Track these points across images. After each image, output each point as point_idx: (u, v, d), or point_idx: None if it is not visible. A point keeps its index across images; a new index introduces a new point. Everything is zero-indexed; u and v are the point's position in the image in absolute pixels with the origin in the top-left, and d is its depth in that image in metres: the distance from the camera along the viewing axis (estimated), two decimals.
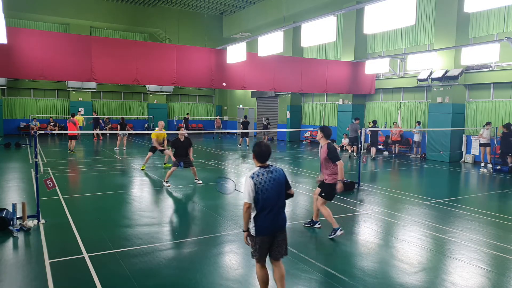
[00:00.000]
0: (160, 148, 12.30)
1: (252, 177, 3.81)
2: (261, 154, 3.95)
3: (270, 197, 3.81)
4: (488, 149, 14.14)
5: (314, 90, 19.68)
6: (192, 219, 7.23)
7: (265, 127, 21.63)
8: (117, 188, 9.81)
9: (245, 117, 21.80)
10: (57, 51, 12.99)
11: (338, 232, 6.08)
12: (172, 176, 10.94)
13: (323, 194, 6.28)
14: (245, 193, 3.81)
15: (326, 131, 6.30)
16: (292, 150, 20.05)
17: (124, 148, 18.46)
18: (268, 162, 3.99)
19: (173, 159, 10.01)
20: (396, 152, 17.84)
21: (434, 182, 12.11)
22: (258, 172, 3.86)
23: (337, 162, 6.10)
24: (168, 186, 9.90)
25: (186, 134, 10.19)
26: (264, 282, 4.00)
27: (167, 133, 11.70)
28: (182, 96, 32.02)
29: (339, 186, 6.11)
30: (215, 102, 33.55)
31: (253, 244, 3.90)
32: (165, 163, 13.16)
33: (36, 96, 26.89)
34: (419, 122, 17.11)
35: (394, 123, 18.20)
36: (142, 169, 12.33)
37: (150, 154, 12.54)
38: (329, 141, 6.30)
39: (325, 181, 6.27)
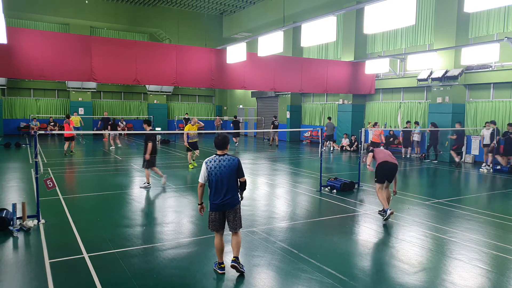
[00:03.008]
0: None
1: (206, 162, 4.69)
2: (217, 144, 4.72)
3: (218, 180, 4.61)
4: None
5: (314, 90, 19.68)
6: (192, 219, 7.22)
7: (276, 127, 21.57)
8: (117, 188, 9.81)
9: (235, 117, 22.69)
10: (57, 51, 12.99)
11: (388, 212, 6.96)
12: (172, 176, 10.95)
13: (375, 179, 7.44)
14: (200, 174, 4.73)
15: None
16: (292, 150, 20.05)
17: (119, 145, 18.79)
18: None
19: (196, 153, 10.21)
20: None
21: (434, 182, 12.11)
22: (212, 158, 4.69)
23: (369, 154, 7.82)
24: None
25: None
26: (218, 250, 4.80)
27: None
28: (182, 96, 32.01)
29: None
30: (215, 102, 33.54)
31: (209, 218, 4.78)
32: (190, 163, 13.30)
33: (36, 96, 26.88)
34: (417, 123, 17.07)
35: (374, 124, 17.21)
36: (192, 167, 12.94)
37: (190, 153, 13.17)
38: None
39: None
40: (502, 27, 14.70)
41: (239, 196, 4.83)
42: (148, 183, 9.77)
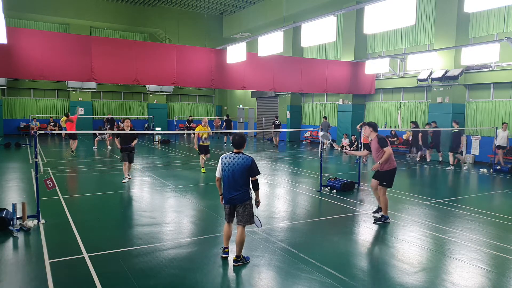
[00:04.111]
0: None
1: (222, 158, 5.06)
2: (234, 142, 5.03)
3: (230, 176, 4.93)
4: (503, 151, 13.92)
5: (314, 90, 19.69)
6: (192, 219, 7.22)
7: (277, 127, 21.61)
8: (117, 188, 9.81)
9: (227, 116, 23.68)
10: (57, 51, 12.98)
11: (388, 220, 6.95)
12: (172, 175, 10.96)
13: (384, 183, 6.99)
14: (217, 169, 5.12)
15: (373, 125, 7.13)
16: (292, 150, 20.05)
17: (109, 147, 18.97)
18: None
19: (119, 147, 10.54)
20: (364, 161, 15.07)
21: (434, 182, 12.11)
22: (227, 155, 5.03)
23: (385, 149, 6.83)
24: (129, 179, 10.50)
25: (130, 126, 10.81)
26: (226, 235, 5.23)
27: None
28: (182, 96, 32.01)
29: (375, 165, 6.99)
30: (215, 102, 33.53)
31: (224, 210, 5.19)
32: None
33: (36, 96, 26.88)
34: (413, 122, 16.82)
35: (362, 124, 16.81)
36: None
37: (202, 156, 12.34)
38: (377, 133, 7.08)
39: (381, 170, 6.97)
40: (502, 27, 14.70)
41: (256, 200, 5.08)
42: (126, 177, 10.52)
